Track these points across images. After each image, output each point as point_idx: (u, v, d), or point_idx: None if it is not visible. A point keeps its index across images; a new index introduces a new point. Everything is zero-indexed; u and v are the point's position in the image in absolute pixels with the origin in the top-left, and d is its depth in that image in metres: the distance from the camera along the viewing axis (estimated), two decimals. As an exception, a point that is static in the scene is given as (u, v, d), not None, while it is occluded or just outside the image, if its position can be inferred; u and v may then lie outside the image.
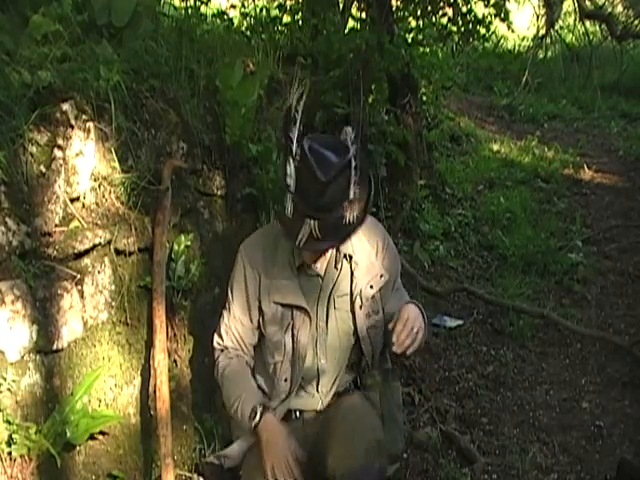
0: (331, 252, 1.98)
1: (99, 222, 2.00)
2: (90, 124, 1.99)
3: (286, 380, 1.99)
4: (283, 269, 1.98)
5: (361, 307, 1.98)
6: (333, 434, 1.82)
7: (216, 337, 2.06)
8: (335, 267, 1.99)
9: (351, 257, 1.99)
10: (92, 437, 1.91)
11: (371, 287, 1.98)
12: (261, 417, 1.88)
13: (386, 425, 1.97)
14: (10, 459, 1.71)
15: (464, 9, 4.75)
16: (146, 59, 2.32)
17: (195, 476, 2.05)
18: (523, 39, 10.33)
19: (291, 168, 1.82)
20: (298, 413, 2.03)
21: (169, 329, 2.15)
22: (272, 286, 1.98)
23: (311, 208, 1.80)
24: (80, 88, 2.00)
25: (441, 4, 4.69)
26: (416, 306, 1.89)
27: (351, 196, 1.82)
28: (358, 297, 1.98)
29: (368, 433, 1.81)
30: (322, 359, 1.99)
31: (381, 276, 2.00)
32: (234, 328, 2.02)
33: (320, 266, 1.99)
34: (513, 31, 6.52)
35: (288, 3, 4.10)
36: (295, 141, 1.83)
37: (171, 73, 2.37)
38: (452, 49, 6.23)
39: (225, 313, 2.05)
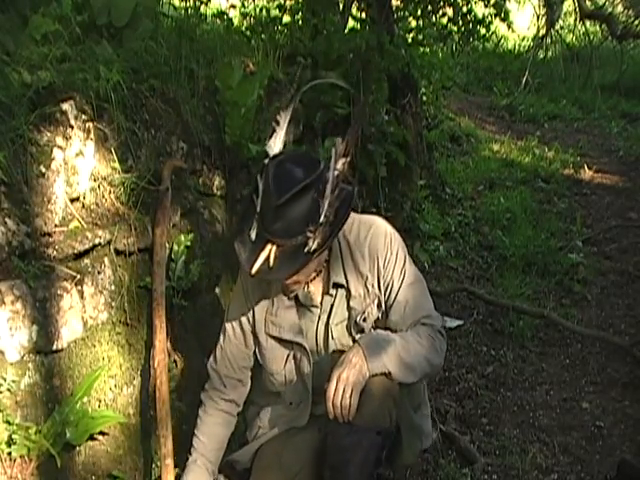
0: (323, 280, 1.85)
1: (99, 222, 2.00)
2: (90, 124, 1.99)
3: (291, 404, 1.95)
4: (280, 300, 1.87)
5: (361, 331, 1.85)
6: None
7: (212, 359, 2.00)
8: (329, 294, 1.85)
9: (343, 286, 1.83)
10: (92, 437, 1.91)
11: (364, 320, 1.84)
12: None
13: (401, 432, 1.85)
14: (10, 459, 1.71)
15: (464, 9, 4.77)
16: (146, 59, 2.32)
17: (220, 477, 2.05)
18: (523, 39, 10.37)
19: (260, 186, 1.67)
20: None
21: (169, 329, 2.15)
22: (268, 319, 1.89)
23: (269, 231, 1.64)
24: (80, 88, 2.00)
25: (441, 4, 4.70)
26: (370, 344, 1.70)
27: (321, 220, 1.62)
28: (355, 325, 1.85)
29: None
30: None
31: (378, 305, 1.85)
32: (229, 352, 1.96)
33: (314, 296, 1.87)
34: (513, 31, 6.55)
35: (288, 3, 4.10)
36: (270, 157, 1.70)
37: (171, 73, 2.37)
38: (452, 49, 6.26)
39: (221, 336, 1.98)
